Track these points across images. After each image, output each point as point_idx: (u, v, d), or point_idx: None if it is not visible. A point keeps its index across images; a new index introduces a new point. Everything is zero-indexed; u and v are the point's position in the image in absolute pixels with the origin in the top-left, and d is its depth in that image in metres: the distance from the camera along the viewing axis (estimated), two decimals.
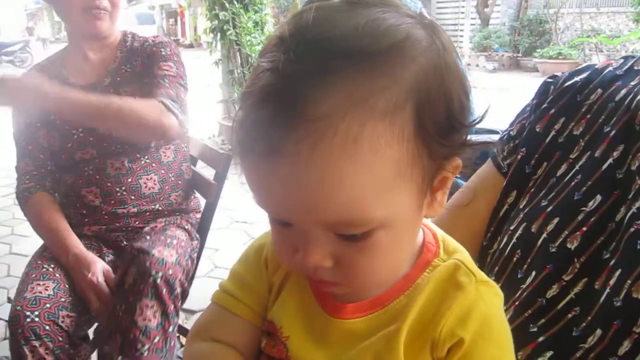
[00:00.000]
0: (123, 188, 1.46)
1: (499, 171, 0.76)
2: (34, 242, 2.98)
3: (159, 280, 1.22)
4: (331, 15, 0.43)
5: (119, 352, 1.25)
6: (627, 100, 0.66)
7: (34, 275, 1.34)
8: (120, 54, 1.52)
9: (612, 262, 0.57)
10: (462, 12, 14.73)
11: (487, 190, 0.76)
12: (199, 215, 1.61)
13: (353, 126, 0.40)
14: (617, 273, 0.56)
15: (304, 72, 0.40)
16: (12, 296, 2.46)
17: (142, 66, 1.49)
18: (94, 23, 1.42)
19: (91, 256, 1.38)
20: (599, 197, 0.62)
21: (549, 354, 0.58)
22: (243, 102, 0.44)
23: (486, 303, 0.49)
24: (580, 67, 0.77)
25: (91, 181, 1.45)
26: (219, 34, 4.99)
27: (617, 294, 0.55)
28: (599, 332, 0.55)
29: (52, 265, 1.38)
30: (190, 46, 20.10)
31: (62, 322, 1.26)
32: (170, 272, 1.25)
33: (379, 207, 0.43)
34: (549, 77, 0.79)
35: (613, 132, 0.65)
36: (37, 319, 1.22)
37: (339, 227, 0.44)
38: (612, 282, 0.56)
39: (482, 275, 0.51)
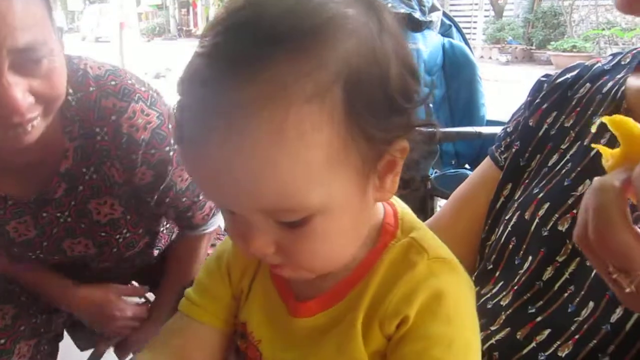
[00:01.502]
0: (120, 270, 1.18)
1: (497, 165, 0.79)
2: None
3: None
4: None
5: None
6: (613, 91, 0.69)
7: None
8: (72, 144, 0.91)
9: None
10: (476, 4, 14.63)
11: (487, 184, 0.80)
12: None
13: (278, 113, 0.39)
14: None
15: (231, 59, 0.40)
16: None
17: (118, 174, 0.95)
18: (16, 139, 0.78)
19: (100, 290, 1.12)
20: (587, 182, 0.65)
21: (547, 331, 0.61)
22: (178, 88, 0.43)
23: (438, 279, 0.49)
24: (572, 64, 0.80)
25: (76, 275, 1.13)
26: None
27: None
28: (591, 304, 0.58)
29: (18, 286, 1.11)
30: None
31: (18, 354, 1.03)
32: None
33: (313, 193, 0.42)
34: (543, 76, 0.83)
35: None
36: None
37: (276, 215, 0.44)
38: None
39: (438, 251, 0.52)
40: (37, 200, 0.95)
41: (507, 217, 0.72)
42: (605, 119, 0.45)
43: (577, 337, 0.58)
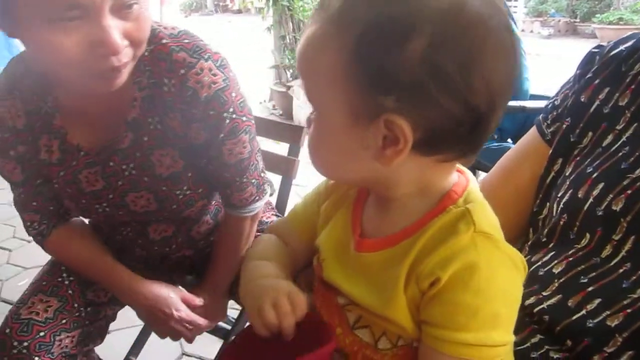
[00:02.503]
0: (174, 245, 1.16)
1: (543, 139, 0.80)
2: None
3: None
4: None
5: None
6: None
7: (44, 284, 1.11)
8: (140, 94, 0.94)
9: None
10: None
11: (531, 156, 0.81)
12: (269, 214, 1.32)
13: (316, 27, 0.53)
14: None
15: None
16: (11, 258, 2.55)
17: (179, 126, 0.96)
18: (101, 87, 0.84)
19: (164, 287, 1.12)
20: None
21: (597, 301, 0.62)
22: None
23: (477, 251, 0.52)
24: (625, 35, 0.78)
25: (134, 242, 1.15)
26: (271, 0, 5.04)
27: None
28: None
29: (71, 278, 1.13)
30: (239, 12, 20.13)
31: (59, 345, 1.06)
32: None
33: (315, 92, 0.54)
34: (595, 47, 0.81)
35: None
36: (24, 351, 1.02)
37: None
38: None
39: (486, 227, 0.54)
40: (105, 149, 0.98)
41: (559, 195, 0.73)
42: None
43: (629, 310, 0.60)
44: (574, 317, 0.63)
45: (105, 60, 0.78)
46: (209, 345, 1.79)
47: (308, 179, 3.05)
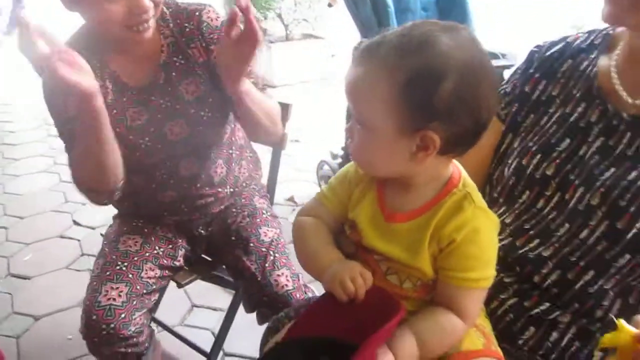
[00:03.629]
0: (198, 185, 1.40)
1: (498, 118, 1.02)
2: (25, 181, 2.98)
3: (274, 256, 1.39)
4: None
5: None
6: (587, 70, 0.92)
7: (108, 274, 1.31)
8: (166, 41, 1.28)
9: (577, 181, 0.87)
10: None
11: (489, 131, 1.04)
12: (261, 199, 1.57)
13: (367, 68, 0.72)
14: (581, 189, 0.86)
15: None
16: (77, 219, 2.76)
17: (200, 54, 1.29)
18: (137, 37, 1.18)
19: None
20: (568, 139, 0.90)
21: (536, 240, 0.89)
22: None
23: (478, 220, 0.76)
24: (557, 39, 1.01)
25: (166, 186, 1.37)
26: None
27: (579, 202, 0.86)
28: (566, 225, 0.86)
29: (126, 264, 1.34)
30: None
31: (134, 322, 1.28)
32: (281, 244, 1.44)
33: (368, 115, 0.73)
34: (535, 47, 1.04)
35: (578, 94, 0.92)
36: (112, 331, 1.24)
37: (355, 112, 0.75)
38: (577, 194, 0.86)
39: (481, 203, 0.78)
40: (146, 88, 1.28)
41: (509, 161, 0.97)
42: (602, 342, 0.70)
43: (556, 245, 0.87)
44: (520, 252, 0.90)
45: (139, 17, 1.15)
46: (219, 296, 2.04)
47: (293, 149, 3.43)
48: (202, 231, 1.50)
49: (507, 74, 1.68)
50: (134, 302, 1.30)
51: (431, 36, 0.70)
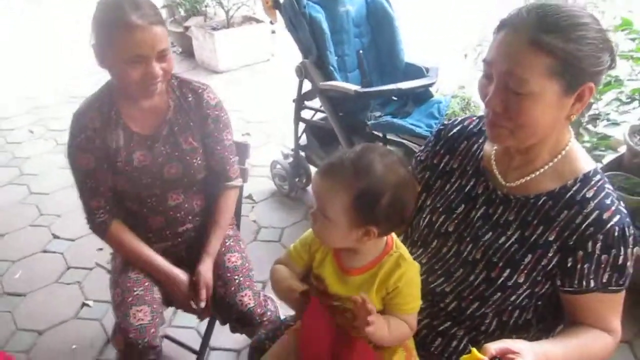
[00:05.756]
0: (181, 213, 1.74)
1: (415, 179, 1.39)
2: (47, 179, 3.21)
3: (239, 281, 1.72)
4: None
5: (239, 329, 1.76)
6: (476, 152, 1.27)
7: (130, 300, 1.61)
8: (172, 103, 1.65)
9: (468, 238, 1.23)
10: None
11: None
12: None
13: (332, 181, 1.05)
14: (470, 245, 1.22)
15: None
16: (55, 232, 2.99)
17: (197, 121, 1.67)
18: (149, 94, 1.56)
19: (179, 272, 1.69)
20: (463, 205, 1.27)
21: (441, 278, 1.25)
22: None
23: (410, 271, 1.13)
24: (457, 119, 1.35)
25: (156, 211, 1.71)
26: None
27: (469, 255, 1.23)
28: (461, 270, 1.24)
29: (141, 289, 1.65)
30: None
31: (159, 334, 1.61)
32: (245, 267, 1.77)
33: (329, 210, 1.03)
34: (441, 125, 1.37)
35: (471, 171, 1.27)
36: (146, 344, 1.56)
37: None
38: (467, 248, 1.23)
39: (409, 257, 1.15)
40: (152, 136, 1.64)
41: (423, 215, 1.32)
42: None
43: (454, 283, 1.23)
44: (431, 286, 1.27)
45: (150, 82, 1.51)
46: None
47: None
48: (184, 255, 1.82)
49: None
50: (156, 319, 1.63)
51: (372, 164, 1.05)
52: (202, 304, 1.67)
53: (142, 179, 1.65)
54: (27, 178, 3.58)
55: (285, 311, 1.74)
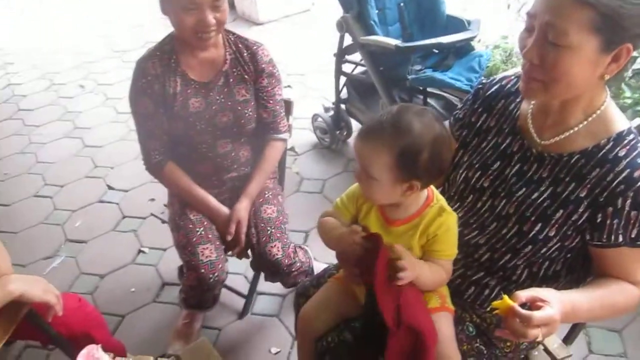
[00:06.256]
0: (228, 160, 1.85)
1: (453, 135, 1.43)
2: (52, 149, 3.37)
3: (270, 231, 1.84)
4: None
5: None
6: (513, 110, 1.30)
7: (194, 239, 1.77)
8: (229, 57, 1.76)
9: (502, 194, 1.29)
10: None
11: None
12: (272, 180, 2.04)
13: (373, 143, 1.13)
14: (504, 200, 1.28)
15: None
16: (110, 183, 3.17)
17: (251, 75, 1.78)
18: (202, 43, 1.65)
19: (222, 207, 1.84)
20: (499, 162, 1.32)
21: (475, 232, 1.32)
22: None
23: (449, 220, 1.22)
24: (496, 79, 1.38)
25: (205, 157, 1.82)
26: None
27: (503, 209, 1.29)
28: (494, 224, 1.30)
29: (202, 229, 1.80)
30: None
31: (225, 270, 1.80)
32: (279, 220, 1.88)
33: (372, 169, 1.12)
34: (479, 84, 1.41)
35: (507, 129, 1.31)
36: (216, 279, 1.75)
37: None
38: (501, 203, 1.28)
39: (448, 208, 1.24)
40: (207, 85, 1.76)
41: (460, 171, 1.38)
42: (492, 304, 1.04)
43: (487, 235, 1.30)
44: (466, 239, 1.34)
45: (203, 29, 1.60)
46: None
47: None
48: (227, 203, 1.91)
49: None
50: (221, 255, 1.79)
51: (410, 123, 1.12)
52: (229, 237, 1.81)
53: (195, 124, 1.76)
54: (80, 131, 3.77)
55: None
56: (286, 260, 1.82)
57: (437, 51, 2.79)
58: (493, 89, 1.37)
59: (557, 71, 1.07)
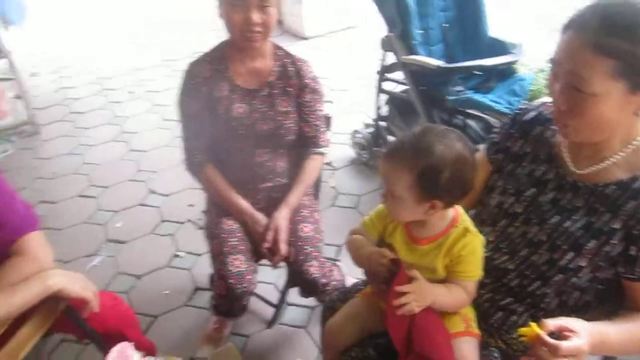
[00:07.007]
0: (265, 170, 1.89)
1: (489, 160, 1.43)
2: (100, 151, 3.49)
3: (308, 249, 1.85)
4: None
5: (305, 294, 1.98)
6: (550, 138, 1.30)
7: (226, 249, 1.79)
8: (276, 69, 1.82)
9: (534, 220, 1.28)
10: None
11: (482, 170, 1.43)
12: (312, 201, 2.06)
13: (394, 162, 1.16)
14: (536, 227, 1.27)
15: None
16: (152, 187, 3.26)
17: (295, 88, 1.83)
18: (248, 43, 1.71)
19: (259, 214, 1.85)
20: (533, 188, 1.31)
21: (505, 256, 1.32)
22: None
23: (473, 242, 1.23)
24: (533, 105, 1.38)
25: (243, 164, 1.87)
26: None
27: (535, 236, 1.28)
28: (525, 250, 1.29)
29: (235, 240, 1.82)
30: None
31: (253, 283, 1.80)
32: (315, 239, 1.89)
33: (396, 187, 1.15)
34: (517, 109, 1.41)
35: (542, 156, 1.31)
36: (245, 289, 1.77)
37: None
38: (533, 230, 1.27)
39: (473, 229, 1.24)
40: (252, 92, 1.82)
41: (493, 195, 1.38)
42: (520, 330, 1.04)
43: (517, 261, 1.30)
44: (495, 263, 1.34)
45: (250, 28, 1.66)
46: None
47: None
48: (262, 212, 1.94)
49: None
50: (250, 267, 1.81)
51: (430, 144, 1.14)
52: (266, 245, 1.82)
53: (237, 129, 1.81)
54: (127, 136, 3.90)
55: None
56: (323, 280, 1.85)
57: (479, 73, 2.78)
58: (530, 115, 1.37)
59: (587, 118, 1.08)
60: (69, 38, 6.11)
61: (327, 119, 2.04)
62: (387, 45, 2.77)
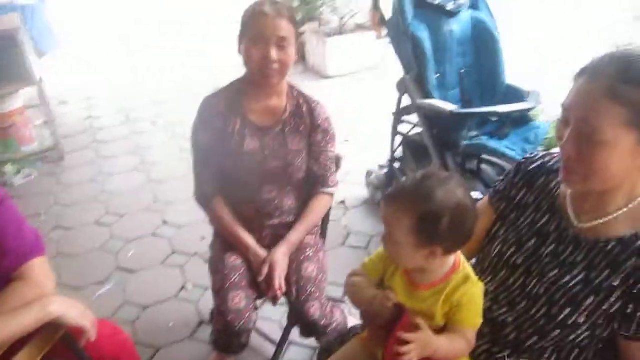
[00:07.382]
0: (272, 207, 1.90)
1: (492, 208, 1.41)
2: (120, 180, 3.51)
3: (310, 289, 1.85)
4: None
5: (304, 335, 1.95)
6: (553, 189, 1.29)
7: (227, 285, 1.80)
8: (290, 108, 1.85)
9: (534, 273, 1.26)
10: None
11: (485, 217, 1.43)
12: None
13: (396, 207, 1.15)
14: (535, 280, 1.25)
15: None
16: (166, 218, 3.29)
17: (307, 128, 1.86)
18: (266, 80, 1.75)
19: (263, 252, 1.86)
20: (534, 240, 1.29)
21: (504, 308, 1.30)
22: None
23: (473, 289, 1.21)
24: (539, 154, 1.37)
25: (250, 200, 1.88)
26: None
27: (534, 289, 1.25)
28: (524, 302, 1.26)
29: (237, 276, 1.83)
30: None
31: (253, 319, 1.79)
32: (318, 279, 1.88)
33: (396, 232, 1.13)
34: (522, 159, 1.40)
35: (545, 207, 1.29)
36: (243, 326, 1.76)
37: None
38: (533, 282, 1.25)
39: (474, 277, 1.22)
40: (265, 129, 1.85)
41: (495, 244, 1.37)
42: None
43: (516, 315, 1.27)
44: (494, 315, 1.32)
45: (267, 64, 1.71)
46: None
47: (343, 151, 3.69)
48: (267, 249, 1.94)
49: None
50: (250, 305, 1.81)
51: (430, 190, 1.14)
52: (260, 278, 1.83)
53: (247, 164, 1.84)
54: (147, 166, 3.97)
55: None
56: (323, 321, 1.84)
57: (494, 119, 2.79)
58: (535, 165, 1.37)
59: (595, 166, 1.06)
60: (99, 67, 6.30)
61: (338, 160, 2.06)
62: (402, 87, 2.80)
